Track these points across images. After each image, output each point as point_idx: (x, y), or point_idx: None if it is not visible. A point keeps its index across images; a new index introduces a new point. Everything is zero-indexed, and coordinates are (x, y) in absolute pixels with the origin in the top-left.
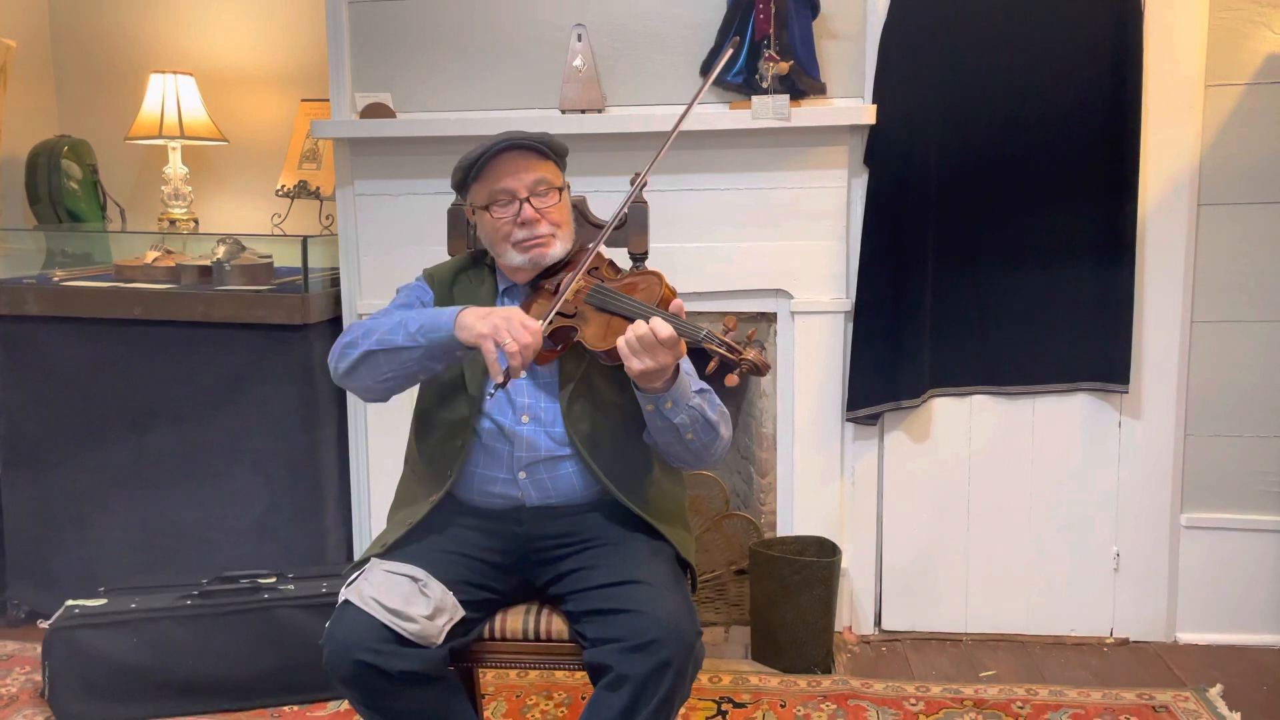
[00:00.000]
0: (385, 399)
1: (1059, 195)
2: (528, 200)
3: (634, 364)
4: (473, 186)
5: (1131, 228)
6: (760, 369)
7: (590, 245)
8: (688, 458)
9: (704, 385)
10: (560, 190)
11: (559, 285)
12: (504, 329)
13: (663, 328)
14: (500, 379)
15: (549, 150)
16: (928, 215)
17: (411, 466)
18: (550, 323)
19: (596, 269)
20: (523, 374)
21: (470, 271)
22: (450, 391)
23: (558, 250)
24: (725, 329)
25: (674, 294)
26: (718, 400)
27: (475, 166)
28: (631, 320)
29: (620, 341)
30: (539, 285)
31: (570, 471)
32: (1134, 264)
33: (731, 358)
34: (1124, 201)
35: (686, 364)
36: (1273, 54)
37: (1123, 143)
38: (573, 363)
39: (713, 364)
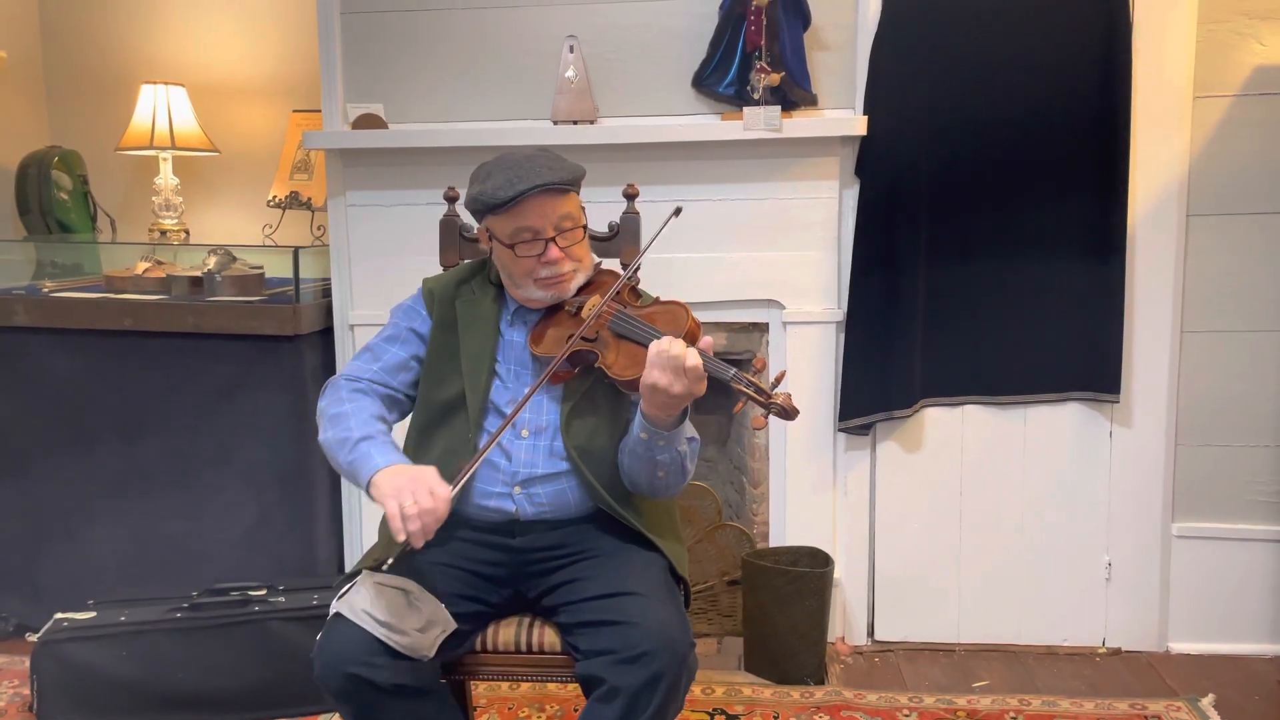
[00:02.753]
0: None
1: (1049, 205)
2: (553, 240)
3: (652, 374)
4: (492, 216)
5: (1121, 238)
6: (789, 413)
7: (616, 270)
8: (644, 487)
9: (694, 435)
10: (584, 226)
11: (579, 308)
12: (409, 490)
13: (692, 358)
14: (400, 539)
15: (573, 185)
16: (918, 225)
17: None
18: (571, 346)
19: (619, 294)
20: (422, 544)
21: (473, 283)
22: (450, 409)
23: (578, 283)
24: (754, 369)
25: (699, 328)
26: (697, 450)
27: (503, 206)
28: None
29: (652, 347)
30: (559, 306)
31: (565, 487)
32: (1124, 274)
33: (760, 399)
34: (1114, 212)
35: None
36: (1260, 66)
37: (1112, 153)
38: (578, 378)
39: (740, 405)
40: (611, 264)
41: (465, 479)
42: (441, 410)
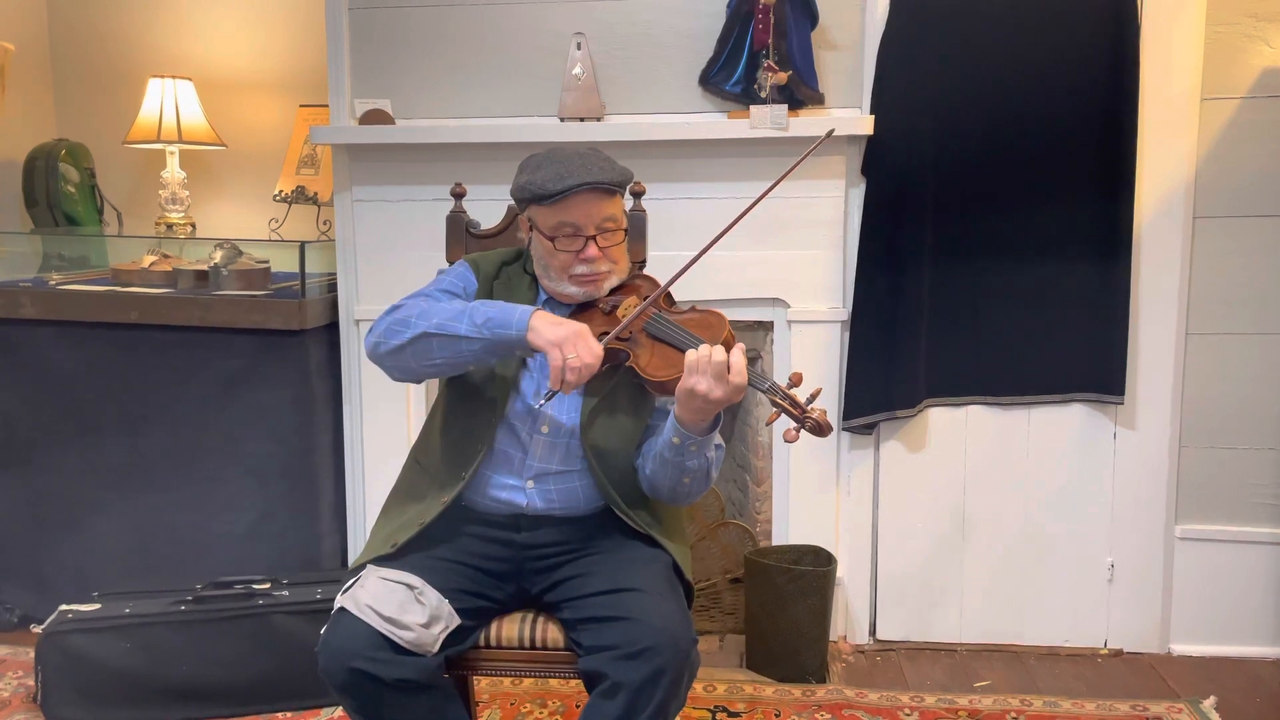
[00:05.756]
0: (418, 381)
1: (1056, 207)
2: (594, 239)
3: (693, 379)
4: (537, 207)
5: (1127, 240)
6: (823, 429)
7: (650, 275)
8: (665, 494)
9: (721, 442)
10: (625, 229)
11: (614, 307)
12: (572, 343)
13: (736, 366)
14: (557, 387)
15: (621, 187)
16: (924, 225)
17: (419, 460)
18: (606, 343)
19: (656, 298)
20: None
21: (512, 267)
22: (477, 392)
23: (612, 283)
24: (790, 383)
25: (734, 338)
26: (722, 457)
27: (551, 198)
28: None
29: (690, 354)
30: (592, 303)
31: (577, 485)
32: (1130, 276)
33: (795, 414)
34: (1120, 213)
35: None
36: (1268, 68)
37: (1119, 154)
38: (600, 378)
39: (773, 416)
40: None
41: (613, 335)
42: (467, 392)
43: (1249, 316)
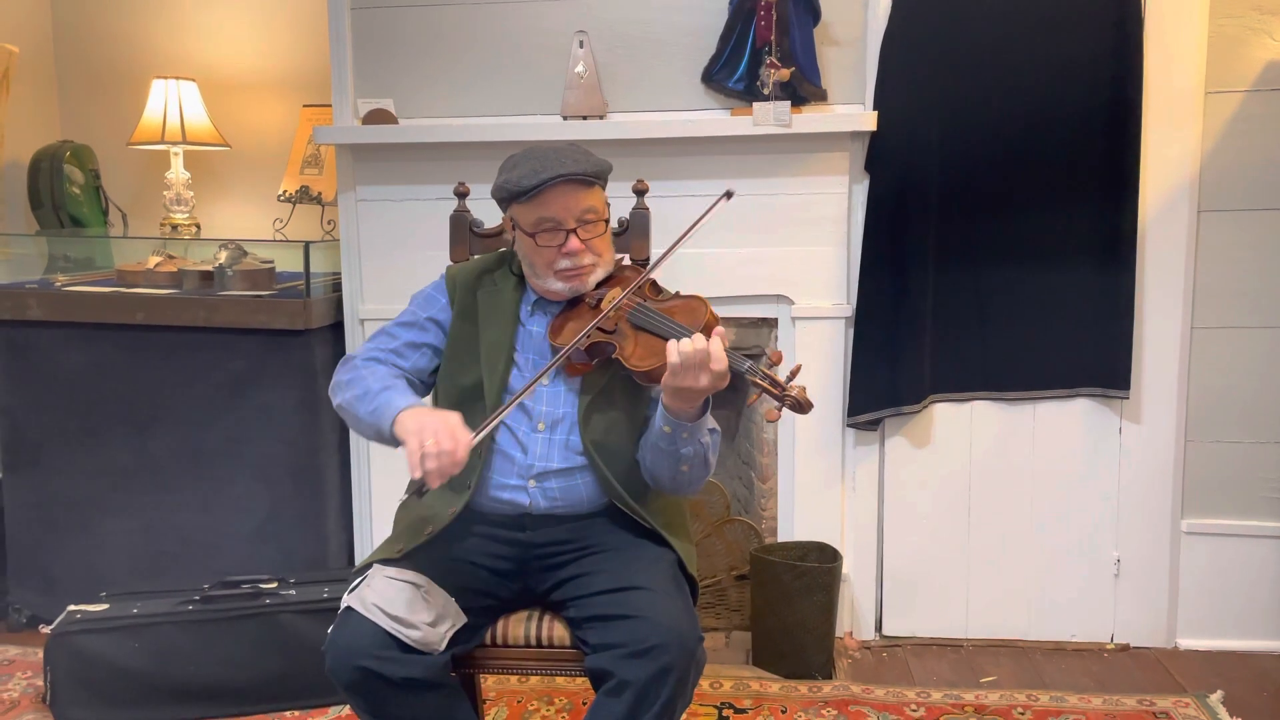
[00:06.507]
0: None
1: (1060, 201)
2: (575, 232)
3: (675, 377)
4: (517, 205)
5: (1132, 233)
6: (803, 406)
7: (637, 263)
8: (666, 484)
9: (715, 426)
10: (606, 220)
11: (600, 301)
12: (432, 430)
13: (716, 354)
14: (416, 475)
15: (598, 178)
16: (928, 221)
17: None
18: (588, 334)
19: (639, 287)
20: (438, 484)
21: (495, 274)
22: (470, 397)
23: (598, 277)
24: (770, 363)
25: (717, 321)
26: (719, 442)
27: (526, 194)
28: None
29: (671, 353)
30: (580, 299)
31: (579, 482)
32: (1135, 269)
33: (774, 393)
34: (1125, 207)
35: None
36: (1273, 61)
37: (1123, 149)
38: (596, 373)
39: (754, 397)
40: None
41: (486, 430)
42: (461, 398)
43: (1254, 310)
